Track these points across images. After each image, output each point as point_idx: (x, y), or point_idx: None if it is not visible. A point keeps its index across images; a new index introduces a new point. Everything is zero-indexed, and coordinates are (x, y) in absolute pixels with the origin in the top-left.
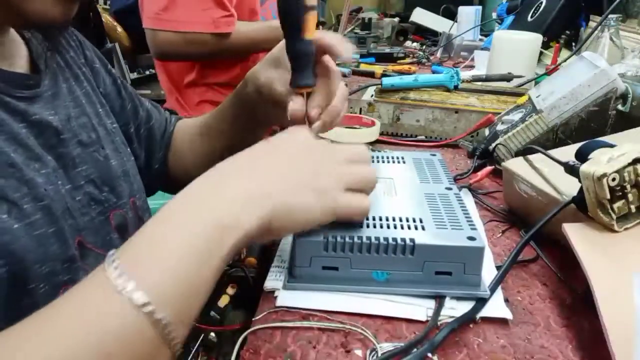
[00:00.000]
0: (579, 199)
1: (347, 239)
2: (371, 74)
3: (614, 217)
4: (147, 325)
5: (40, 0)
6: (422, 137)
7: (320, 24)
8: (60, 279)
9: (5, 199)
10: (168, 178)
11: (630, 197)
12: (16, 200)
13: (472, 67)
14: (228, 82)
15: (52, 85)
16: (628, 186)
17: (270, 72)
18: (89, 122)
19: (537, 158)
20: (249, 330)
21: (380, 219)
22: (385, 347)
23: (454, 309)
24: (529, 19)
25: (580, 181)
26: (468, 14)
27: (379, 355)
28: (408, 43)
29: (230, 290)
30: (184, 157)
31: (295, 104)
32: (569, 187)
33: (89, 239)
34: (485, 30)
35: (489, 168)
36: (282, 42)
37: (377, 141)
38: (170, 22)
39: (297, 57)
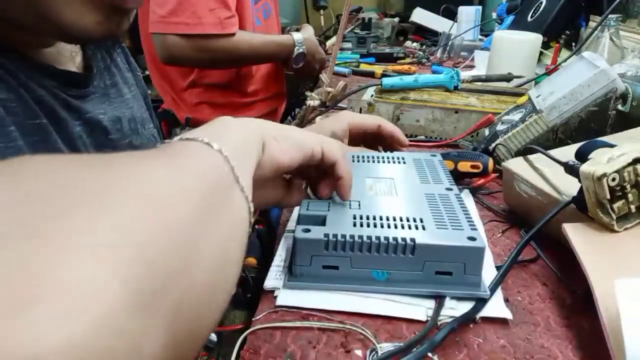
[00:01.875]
0: (579, 199)
1: (347, 238)
2: (371, 74)
3: (614, 217)
4: (221, 160)
5: (82, 19)
6: (422, 137)
7: (321, 8)
8: None
9: None
10: None
11: (630, 197)
12: None
13: (472, 67)
14: (227, 83)
15: (102, 87)
16: (628, 186)
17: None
18: (135, 126)
19: (537, 158)
20: (249, 330)
21: (381, 219)
22: (385, 347)
23: (454, 309)
24: (529, 19)
25: (580, 181)
26: (468, 14)
27: (379, 355)
28: (408, 43)
29: None
30: None
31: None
32: (569, 187)
33: None
34: (485, 30)
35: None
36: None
37: None
38: (178, 25)
39: None
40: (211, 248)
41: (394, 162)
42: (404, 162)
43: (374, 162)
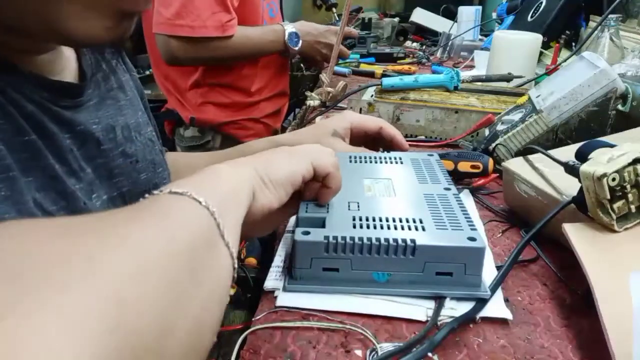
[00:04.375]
0: (579, 199)
1: (347, 240)
2: (371, 74)
3: (614, 217)
4: (208, 217)
5: (91, 26)
6: (422, 137)
7: (332, 6)
8: None
9: (42, 210)
10: None
11: (630, 197)
12: (53, 212)
13: (472, 67)
14: (231, 83)
15: (96, 95)
16: (628, 186)
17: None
18: (129, 133)
19: (537, 158)
20: (249, 330)
21: (381, 220)
22: (385, 347)
23: (454, 309)
24: (529, 19)
25: (580, 181)
26: (468, 14)
27: (379, 355)
28: (408, 43)
29: (230, 290)
30: None
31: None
32: (569, 187)
33: None
34: (485, 30)
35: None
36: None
37: None
38: (183, 28)
39: None
40: (190, 313)
41: (391, 163)
42: (402, 162)
43: (371, 162)
